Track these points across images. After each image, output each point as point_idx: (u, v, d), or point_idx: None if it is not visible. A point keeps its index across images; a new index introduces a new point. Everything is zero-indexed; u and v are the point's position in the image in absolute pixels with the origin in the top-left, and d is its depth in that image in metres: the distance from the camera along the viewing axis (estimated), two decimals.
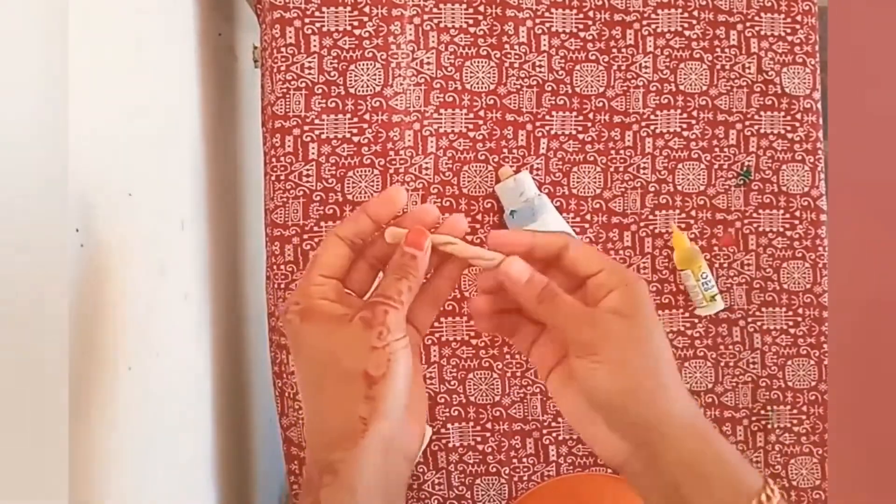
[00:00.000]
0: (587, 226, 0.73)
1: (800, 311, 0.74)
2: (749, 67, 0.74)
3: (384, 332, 0.36)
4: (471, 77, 0.72)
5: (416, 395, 0.39)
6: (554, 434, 0.73)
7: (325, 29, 0.70)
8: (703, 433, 0.38)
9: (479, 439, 0.73)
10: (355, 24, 0.70)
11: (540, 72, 0.73)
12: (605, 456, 0.39)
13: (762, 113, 0.74)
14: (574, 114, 0.73)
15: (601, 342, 0.37)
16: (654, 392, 0.37)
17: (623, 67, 0.73)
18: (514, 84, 0.73)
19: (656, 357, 0.37)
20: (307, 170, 0.70)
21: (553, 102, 0.73)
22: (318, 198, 0.70)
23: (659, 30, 0.73)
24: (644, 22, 0.73)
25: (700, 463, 0.37)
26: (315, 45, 0.70)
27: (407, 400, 0.37)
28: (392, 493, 0.37)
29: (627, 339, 0.37)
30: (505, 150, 0.73)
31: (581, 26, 0.73)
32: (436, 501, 0.72)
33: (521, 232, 0.39)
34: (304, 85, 0.70)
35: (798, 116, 0.74)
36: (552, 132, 0.73)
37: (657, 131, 0.74)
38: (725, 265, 0.75)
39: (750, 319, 0.75)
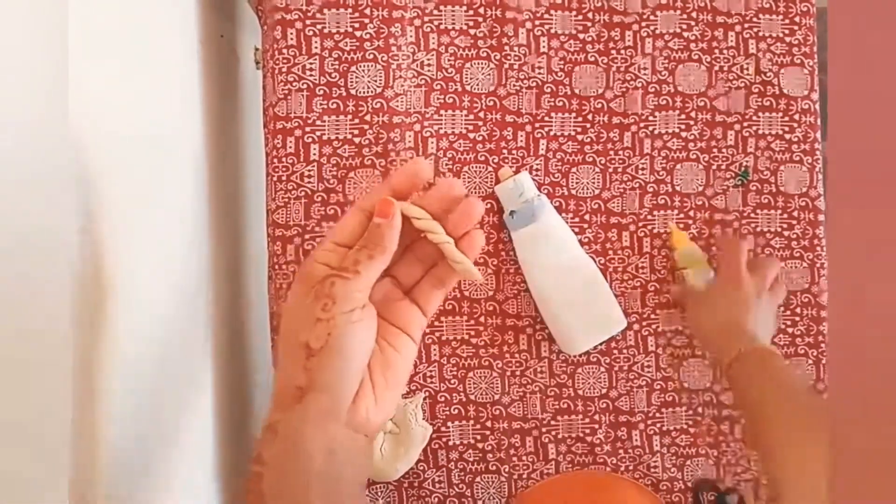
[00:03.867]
0: (586, 226, 0.74)
1: (798, 310, 0.75)
2: (747, 68, 0.75)
3: (328, 304, 0.35)
4: (471, 78, 0.72)
5: (386, 374, 0.38)
6: (553, 432, 0.74)
7: (326, 30, 0.70)
8: None
9: (478, 437, 0.73)
10: (356, 25, 0.70)
11: (539, 73, 0.73)
12: None
13: (760, 114, 0.75)
14: (573, 115, 0.74)
15: None
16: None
17: (622, 69, 0.74)
18: (514, 85, 0.73)
19: None
20: (308, 170, 0.70)
21: (552, 104, 0.73)
22: (320, 198, 0.70)
23: (657, 31, 0.74)
24: (643, 24, 0.74)
25: None
26: (316, 47, 0.70)
27: (360, 373, 0.37)
28: (336, 460, 0.37)
29: None
30: (504, 151, 0.73)
31: (580, 28, 0.73)
32: (436, 499, 0.72)
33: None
34: (305, 86, 0.70)
35: (796, 117, 0.75)
36: (551, 133, 0.73)
37: (656, 132, 0.74)
38: None
39: None
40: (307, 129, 0.70)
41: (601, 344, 0.73)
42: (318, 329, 0.35)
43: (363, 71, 0.71)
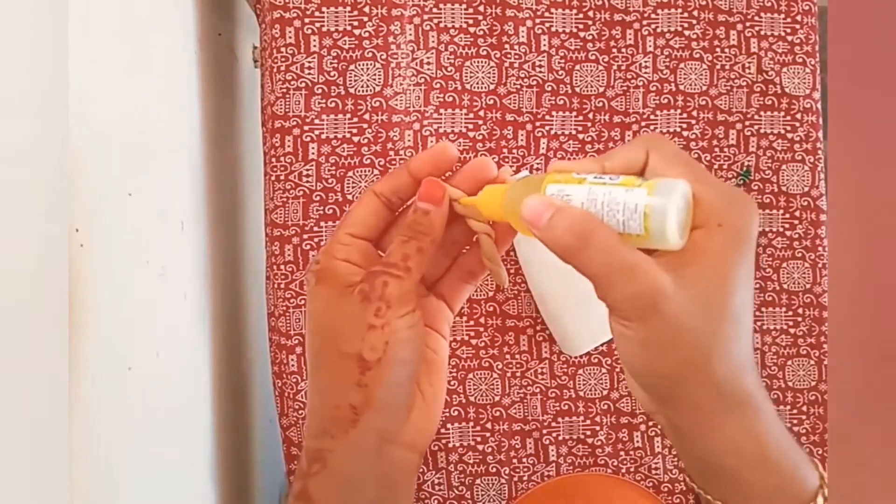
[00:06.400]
0: None
1: (799, 311, 0.74)
2: (749, 67, 0.74)
3: (382, 309, 0.31)
4: (471, 77, 0.72)
5: (432, 380, 0.35)
6: (554, 434, 0.73)
7: (324, 29, 0.70)
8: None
9: (478, 439, 0.73)
10: (355, 24, 0.70)
11: (540, 72, 0.73)
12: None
13: (762, 113, 0.74)
14: (574, 114, 0.73)
15: None
16: None
17: (623, 67, 0.73)
18: (514, 84, 0.73)
19: None
20: (307, 170, 0.70)
21: (553, 102, 0.73)
22: (318, 198, 0.70)
23: (659, 30, 0.73)
24: (644, 22, 0.73)
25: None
26: (315, 45, 0.70)
27: (412, 387, 0.33)
28: (392, 485, 0.33)
29: None
30: (505, 150, 0.73)
31: (581, 26, 0.73)
32: (436, 501, 0.72)
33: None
34: (303, 85, 0.70)
35: (798, 116, 0.74)
36: (552, 132, 0.73)
37: (657, 131, 0.74)
38: None
39: None
40: (305, 127, 0.70)
41: (602, 345, 0.73)
42: (372, 338, 0.31)
43: (362, 69, 0.70)
